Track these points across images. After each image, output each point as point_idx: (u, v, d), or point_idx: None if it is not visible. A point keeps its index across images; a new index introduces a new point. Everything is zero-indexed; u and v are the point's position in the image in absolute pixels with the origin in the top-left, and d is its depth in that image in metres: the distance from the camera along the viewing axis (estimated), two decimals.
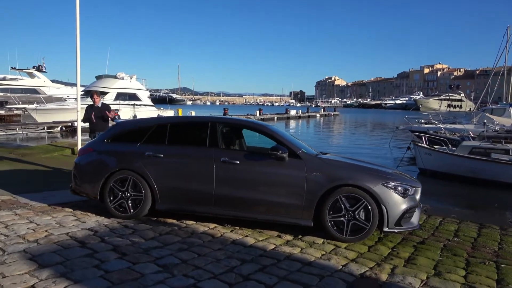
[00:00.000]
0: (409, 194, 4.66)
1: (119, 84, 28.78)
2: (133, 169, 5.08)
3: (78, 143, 12.59)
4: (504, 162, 10.42)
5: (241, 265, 3.79)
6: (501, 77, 34.11)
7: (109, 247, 4.06)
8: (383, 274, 3.77)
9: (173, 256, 3.92)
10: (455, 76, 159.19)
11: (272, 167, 4.79)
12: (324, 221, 4.62)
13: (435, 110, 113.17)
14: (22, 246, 3.94)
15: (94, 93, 8.63)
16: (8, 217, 5.03)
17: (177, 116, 8.32)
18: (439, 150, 11.83)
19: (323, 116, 56.59)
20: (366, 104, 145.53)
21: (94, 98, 8.48)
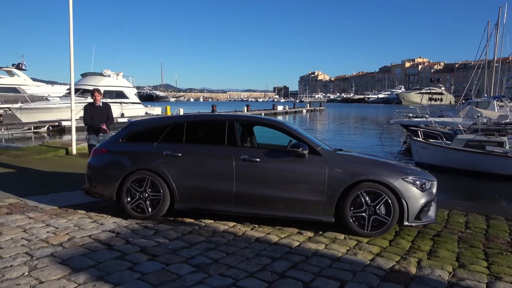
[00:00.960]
0: (426, 188, 4.77)
1: (106, 81, 28.32)
2: (151, 169, 5.03)
3: (72, 143, 12.42)
4: (499, 154, 10.73)
5: (272, 263, 3.81)
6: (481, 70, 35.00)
7: (137, 248, 4.02)
8: (412, 268, 3.85)
9: (203, 256, 3.92)
10: (435, 69, 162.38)
11: (293, 164, 4.83)
12: (345, 217, 4.69)
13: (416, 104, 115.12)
14: (48, 250, 3.87)
15: (96, 91, 7.77)
16: (23, 221, 4.92)
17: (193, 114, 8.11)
18: (435, 143, 12.09)
19: (309, 111, 56.94)
20: (349, 99, 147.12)
21: (95, 96, 7.70)
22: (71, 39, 11.97)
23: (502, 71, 39.43)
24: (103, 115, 7.70)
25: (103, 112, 7.74)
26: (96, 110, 7.70)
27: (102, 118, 7.65)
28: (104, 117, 7.68)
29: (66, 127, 23.27)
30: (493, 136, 11.29)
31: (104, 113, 7.73)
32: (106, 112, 7.78)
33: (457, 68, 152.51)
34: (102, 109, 7.78)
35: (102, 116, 7.67)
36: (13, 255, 3.70)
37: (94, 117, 7.62)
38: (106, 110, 7.81)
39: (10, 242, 4.08)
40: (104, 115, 7.70)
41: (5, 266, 3.45)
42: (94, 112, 7.66)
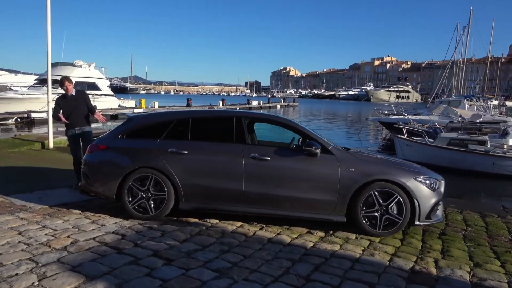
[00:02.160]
0: (436, 187, 4.78)
1: (77, 72, 27.15)
2: (155, 167, 4.77)
3: (49, 136, 11.78)
4: (481, 152, 11.11)
5: (294, 266, 3.70)
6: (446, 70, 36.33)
7: (149, 252, 3.79)
8: (432, 268, 3.84)
9: (220, 259, 3.75)
10: (402, 68, 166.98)
11: (304, 163, 4.71)
12: (357, 216, 4.63)
13: (385, 101, 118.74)
14: (53, 255, 3.58)
15: (65, 79, 6.30)
16: (15, 222, 4.55)
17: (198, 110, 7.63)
18: (420, 141, 12.37)
19: (283, 106, 57.13)
20: (320, 95, 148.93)
21: (65, 85, 6.27)
22: (48, 27, 11.31)
23: (470, 71, 41.10)
24: (80, 106, 6.35)
25: (79, 102, 6.36)
26: (69, 102, 6.31)
27: (78, 110, 6.33)
28: (82, 108, 6.36)
29: (35, 119, 22.13)
30: (475, 135, 11.68)
31: (80, 103, 6.35)
32: (84, 102, 6.42)
33: (423, 67, 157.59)
34: (77, 99, 6.39)
35: (78, 107, 6.33)
36: (16, 262, 3.39)
37: (68, 111, 6.27)
38: (82, 99, 6.42)
39: (7, 246, 3.74)
40: (81, 106, 6.35)
41: (10, 274, 3.14)
42: (67, 104, 6.29)
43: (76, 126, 6.40)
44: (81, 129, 6.44)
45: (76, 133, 6.42)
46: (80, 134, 6.43)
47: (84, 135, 6.43)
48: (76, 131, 6.41)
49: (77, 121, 6.39)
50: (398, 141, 12.81)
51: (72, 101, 6.37)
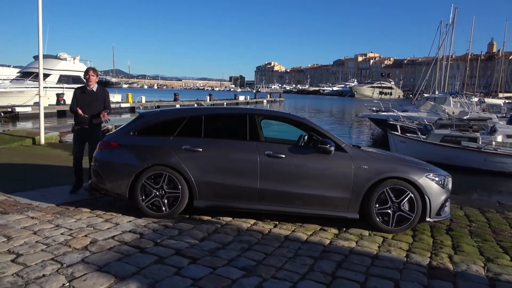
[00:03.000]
0: (445, 184, 4.91)
1: (62, 65, 26.55)
2: (169, 165, 4.74)
3: (41, 132, 11.50)
4: (473, 149, 11.42)
5: (316, 263, 3.75)
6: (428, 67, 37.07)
7: (171, 251, 3.78)
8: (448, 264, 3.96)
9: (243, 257, 3.77)
10: (385, 64, 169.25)
11: (319, 161, 4.76)
12: (371, 213, 4.72)
13: (368, 97, 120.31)
14: (76, 255, 3.53)
15: (91, 70, 5.86)
16: (26, 221, 4.46)
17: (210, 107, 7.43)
18: (414, 138, 12.62)
19: (269, 102, 57.24)
20: (305, 90, 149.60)
21: (89, 74, 5.79)
22: (39, 19, 11.01)
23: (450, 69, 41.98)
24: (97, 103, 5.84)
25: (98, 98, 5.86)
26: (87, 96, 5.80)
27: (95, 106, 5.80)
28: (99, 106, 5.84)
29: (20, 113, 21.57)
30: (468, 132, 11.99)
31: (98, 100, 5.86)
32: (103, 99, 5.93)
33: (405, 64, 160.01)
34: (97, 95, 5.88)
35: (96, 104, 5.82)
36: (39, 263, 3.33)
37: (83, 105, 5.77)
38: (102, 97, 5.94)
39: (26, 247, 3.67)
40: (98, 103, 5.85)
41: (38, 276, 3.09)
42: (85, 99, 5.79)
43: (85, 125, 5.81)
44: (92, 128, 5.85)
45: (84, 131, 5.84)
46: (88, 133, 5.84)
47: (93, 135, 5.84)
48: (85, 129, 5.83)
49: (90, 119, 5.81)
50: (392, 137, 13.04)
51: (90, 96, 5.83)
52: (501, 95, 59.22)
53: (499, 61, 72.72)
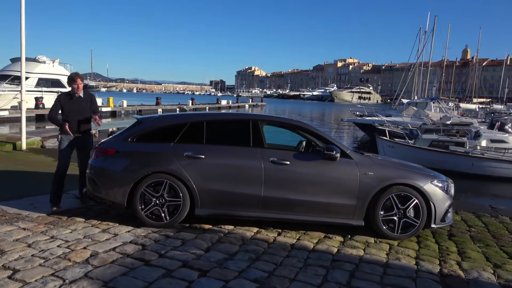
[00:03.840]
0: (448, 190, 4.90)
1: (41, 68, 25.74)
2: (170, 172, 4.56)
3: (22, 137, 11.04)
4: (461, 154, 11.62)
5: (329, 273, 3.65)
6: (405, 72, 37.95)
7: (178, 263, 3.60)
8: (459, 271, 3.92)
9: (254, 268, 3.63)
10: (364, 70, 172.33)
11: (324, 167, 4.68)
12: (376, 220, 4.66)
13: (348, 102, 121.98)
14: (77, 270, 3.31)
15: (78, 77, 5.29)
16: (18, 233, 4.19)
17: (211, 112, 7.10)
18: (402, 143, 12.75)
19: (251, 106, 57.23)
20: (285, 95, 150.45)
21: (77, 84, 5.24)
22: (22, 20, 10.59)
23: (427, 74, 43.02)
24: (86, 110, 5.37)
25: (86, 105, 5.39)
26: (75, 103, 5.29)
27: (83, 113, 5.32)
28: (88, 112, 5.38)
29: None
30: (455, 137, 12.21)
31: (87, 106, 5.40)
32: (90, 105, 5.45)
33: (383, 69, 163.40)
34: (85, 102, 5.39)
35: (83, 111, 5.34)
36: (40, 279, 3.10)
37: (71, 113, 5.26)
38: (89, 103, 5.46)
39: (22, 262, 3.42)
40: (87, 110, 5.38)
41: None
42: (72, 106, 5.28)
43: (76, 133, 5.29)
44: (82, 136, 5.36)
45: (74, 140, 5.29)
46: (80, 142, 5.34)
47: (85, 144, 5.39)
48: (76, 138, 5.30)
49: (78, 127, 5.30)
50: (381, 142, 13.16)
51: (79, 103, 5.33)
52: (475, 100, 61.11)
53: (473, 67, 75.16)
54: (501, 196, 10.86)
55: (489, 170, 11.67)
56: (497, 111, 41.38)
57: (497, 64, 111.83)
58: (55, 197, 5.21)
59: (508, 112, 39.81)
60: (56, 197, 5.22)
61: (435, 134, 13.41)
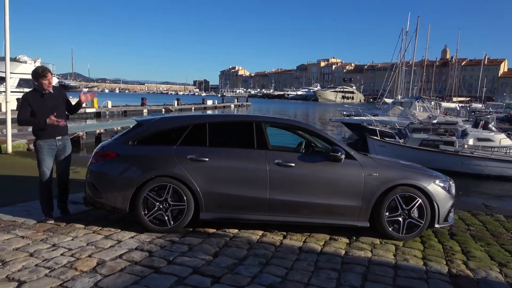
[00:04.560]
0: (450, 190, 4.95)
1: (22, 68, 24.99)
2: (173, 176, 4.46)
3: (8, 140, 10.70)
4: (451, 153, 11.82)
5: (341, 276, 3.62)
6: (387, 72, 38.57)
7: (188, 270, 3.52)
8: (467, 271, 3.96)
9: (266, 273, 3.57)
10: (347, 70, 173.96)
11: (329, 169, 4.66)
12: (381, 221, 4.66)
13: (331, 101, 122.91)
14: (87, 280, 3.19)
15: (47, 71, 4.64)
16: (17, 242, 4.02)
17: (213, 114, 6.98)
18: (393, 142, 12.89)
19: (237, 106, 57.06)
20: (269, 95, 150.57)
21: (48, 78, 4.59)
22: (6, 18, 10.25)
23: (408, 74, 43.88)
24: (60, 107, 4.77)
25: (58, 102, 4.76)
26: (46, 101, 4.62)
27: (60, 111, 4.72)
28: (62, 110, 4.80)
29: None
30: (444, 136, 12.41)
31: (59, 103, 4.78)
32: (64, 101, 4.88)
33: (366, 69, 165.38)
34: (56, 98, 4.76)
35: (58, 108, 4.70)
36: None
37: (42, 113, 4.56)
38: (62, 98, 4.86)
39: (27, 272, 3.28)
40: (61, 107, 4.78)
41: None
42: (43, 104, 4.60)
43: (55, 135, 4.71)
44: (63, 138, 4.82)
45: (55, 144, 4.74)
46: (59, 146, 4.80)
47: (65, 147, 4.87)
48: (57, 141, 4.74)
49: (59, 128, 4.73)
50: (372, 142, 13.28)
51: (50, 100, 4.66)
52: (455, 99, 62.53)
53: (453, 67, 76.85)
54: (491, 194, 11.09)
55: (478, 168, 11.92)
56: (478, 110, 42.45)
57: (476, 64, 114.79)
58: (47, 208, 4.83)
59: (488, 111, 40.87)
60: (49, 208, 4.84)
61: (423, 133, 13.63)
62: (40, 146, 4.68)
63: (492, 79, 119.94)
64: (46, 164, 4.75)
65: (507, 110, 38.72)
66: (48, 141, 4.70)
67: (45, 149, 4.71)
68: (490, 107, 47.18)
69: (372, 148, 13.23)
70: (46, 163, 4.74)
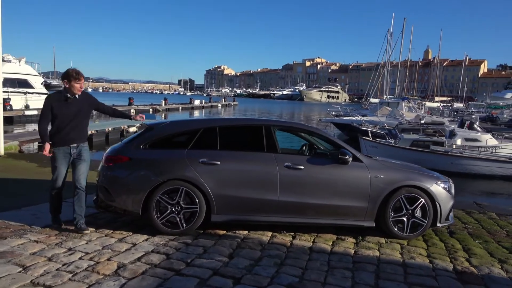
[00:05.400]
0: (451, 190, 5.16)
1: (6, 68, 24.38)
2: (186, 179, 4.54)
3: (0, 142, 10.51)
4: (441, 153, 12.16)
5: (355, 275, 3.77)
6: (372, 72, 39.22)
7: (208, 271, 3.61)
8: (471, 267, 4.15)
9: (283, 273, 3.69)
10: (332, 70, 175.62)
11: (337, 171, 4.80)
12: (387, 221, 4.84)
13: (317, 101, 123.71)
14: (112, 283, 3.25)
15: (82, 76, 4.51)
16: (33, 246, 4.03)
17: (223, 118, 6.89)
18: (385, 143, 13.18)
19: (224, 106, 57.07)
20: (255, 94, 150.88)
21: (80, 83, 4.48)
22: None
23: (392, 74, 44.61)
24: (85, 114, 4.64)
25: (84, 108, 4.60)
26: (71, 106, 4.46)
27: (81, 119, 4.58)
28: (86, 117, 4.69)
29: None
30: (434, 136, 12.77)
31: (85, 109, 4.63)
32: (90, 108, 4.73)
33: (350, 69, 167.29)
34: (81, 103, 4.56)
35: (81, 115, 4.57)
36: None
37: (65, 119, 4.44)
38: (88, 105, 4.68)
39: (50, 277, 3.32)
40: (85, 114, 4.67)
41: None
42: (67, 110, 4.44)
43: (70, 143, 4.50)
44: (78, 146, 4.59)
45: (69, 152, 4.52)
46: (74, 154, 4.57)
47: (81, 155, 4.61)
48: (71, 149, 4.53)
49: (76, 136, 4.52)
50: (364, 142, 13.55)
51: (75, 106, 4.50)
52: (437, 99, 63.86)
53: (435, 67, 78.41)
54: (481, 192, 11.49)
55: (467, 167, 12.32)
56: (460, 110, 43.48)
57: (457, 64, 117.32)
58: (55, 213, 4.70)
59: (470, 110, 41.93)
60: (57, 213, 4.71)
61: (413, 134, 13.99)
62: (54, 152, 4.51)
63: (473, 79, 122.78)
64: (58, 171, 4.56)
65: (488, 110, 39.82)
66: (62, 149, 4.50)
67: (59, 156, 4.52)
68: (472, 107, 48.40)
69: (364, 148, 13.51)
70: (58, 170, 4.55)
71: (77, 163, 4.59)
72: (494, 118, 29.88)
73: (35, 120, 24.34)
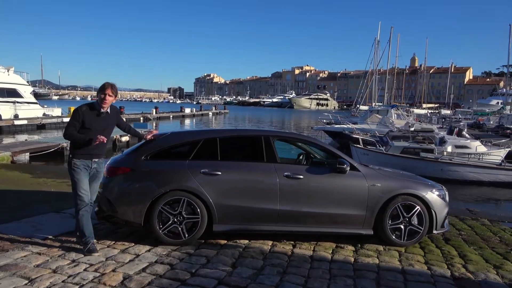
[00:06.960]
0: (445, 198, 5.30)
1: None
2: (188, 189, 4.59)
3: None
4: (431, 160, 12.39)
5: (357, 283, 3.85)
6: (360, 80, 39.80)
7: (213, 281, 3.66)
8: (468, 273, 4.27)
9: (287, 282, 3.76)
10: (320, 77, 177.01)
11: (335, 180, 4.90)
12: (385, 229, 4.94)
13: (306, 108, 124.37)
14: None
15: (113, 88, 4.38)
16: (37, 258, 4.03)
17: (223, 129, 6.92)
18: (376, 150, 13.37)
19: (215, 114, 57.10)
20: (245, 102, 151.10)
21: (114, 97, 4.41)
22: None
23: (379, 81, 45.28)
24: (110, 129, 4.55)
25: (111, 123, 4.52)
26: (101, 121, 4.37)
27: (108, 132, 4.49)
28: (110, 131, 4.57)
29: None
30: (424, 143, 13.01)
31: (111, 124, 4.54)
32: (114, 122, 4.62)
33: (339, 77, 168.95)
34: (111, 119, 4.50)
35: (108, 130, 4.49)
36: None
37: (94, 132, 4.27)
38: (114, 119, 4.58)
39: None
40: (111, 129, 4.56)
41: None
42: (98, 124, 4.32)
43: (92, 157, 4.37)
44: (98, 162, 4.47)
45: (90, 166, 4.38)
46: (93, 170, 4.43)
47: (98, 172, 4.51)
48: (92, 163, 4.38)
49: (100, 150, 4.45)
50: (355, 150, 13.73)
51: (105, 122, 4.42)
52: (424, 106, 64.80)
53: (422, 75, 79.75)
54: (472, 198, 11.72)
55: (457, 174, 12.57)
56: (448, 116, 44.22)
57: (443, 72, 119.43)
58: (89, 233, 4.35)
59: (457, 117, 42.68)
60: (90, 238, 4.34)
61: (403, 141, 14.23)
62: (76, 166, 4.28)
63: (459, 86, 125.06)
64: (83, 185, 4.30)
65: (475, 117, 40.59)
66: (84, 162, 4.34)
67: (81, 168, 4.31)
68: (459, 113, 49.24)
69: (356, 156, 13.69)
70: (83, 183, 4.30)
71: (93, 177, 4.46)
72: (481, 125, 30.51)
73: (24, 130, 24.11)
